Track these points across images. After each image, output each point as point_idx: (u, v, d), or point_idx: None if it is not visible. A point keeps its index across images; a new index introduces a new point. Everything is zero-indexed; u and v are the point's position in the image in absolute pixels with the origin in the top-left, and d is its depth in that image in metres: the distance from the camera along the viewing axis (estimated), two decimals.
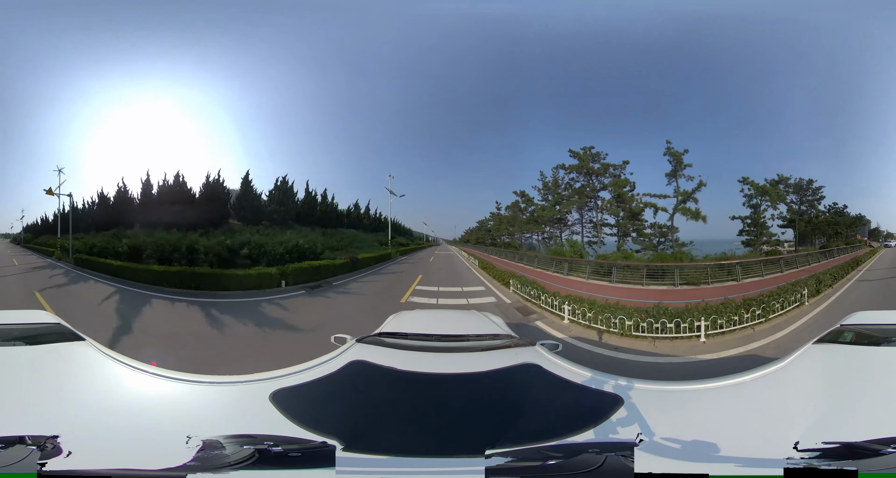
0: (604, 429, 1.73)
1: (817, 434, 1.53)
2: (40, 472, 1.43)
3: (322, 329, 8.37)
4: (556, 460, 1.49)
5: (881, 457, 1.44)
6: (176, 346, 8.11)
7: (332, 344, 3.09)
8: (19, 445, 1.48)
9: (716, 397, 2.03)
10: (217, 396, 2.05)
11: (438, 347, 2.74)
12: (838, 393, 2.05)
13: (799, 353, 2.48)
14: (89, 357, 2.51)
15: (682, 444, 1.61)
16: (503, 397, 2.09)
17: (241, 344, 8.47)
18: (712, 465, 1.47)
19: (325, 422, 1.75)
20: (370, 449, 1.59)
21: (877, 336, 2.70)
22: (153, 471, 1.44)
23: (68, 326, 3.08)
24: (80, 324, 3.11)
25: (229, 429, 1.61)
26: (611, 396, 2.00)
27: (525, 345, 2.81)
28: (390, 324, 3.50)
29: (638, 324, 8.53)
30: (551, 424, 1.80)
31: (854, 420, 1.72)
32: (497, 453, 1.51)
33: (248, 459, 1.49)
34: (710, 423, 1.83)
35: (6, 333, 2.79)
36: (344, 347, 2.74)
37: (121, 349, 2.83)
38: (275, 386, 2.03)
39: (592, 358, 7.38)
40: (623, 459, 1.47)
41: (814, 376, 2.27)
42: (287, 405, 1.87)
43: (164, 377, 2.16)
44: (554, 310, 10.19)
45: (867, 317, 3.09)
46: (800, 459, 1.45)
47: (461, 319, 4.00)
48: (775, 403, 1.99)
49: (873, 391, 2.05)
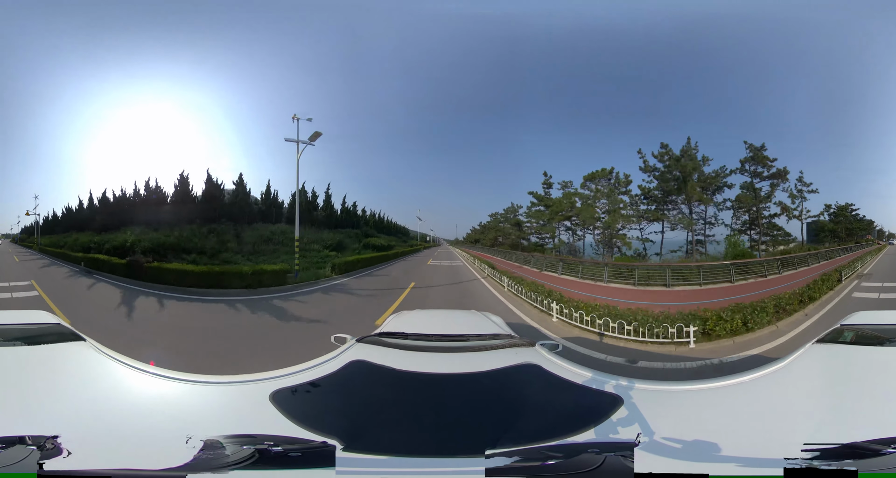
0: (604, 429, 1.72)
1: (817, 434, 1.53)
2: (40, 472, 1.42)
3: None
4: (556, 460, 1.49)
5: (881, 457, 1.44)
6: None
7: (332, 344, 3.09)
8: (19, 445, 1.48)
9: (716, 397, 2.03)
10: (217, 396, 2.05)
11: (438, 347, 2.74)
12: (838, 393, 2.05)
13: (799, 353, 2.48)
14: (89, 357, 2.51)
15: (683, 444, 1.61)
16: (503, 397, 2.09)
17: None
18: (712, 465, 1.47)
19: (324, 422, 1.75)
20: (370, 449, 1.59)
21: (877, 336, 2.70)
22: (153, 471, 1.44)
23: (68, 326, 3.08)
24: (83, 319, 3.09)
25: (229, 429, 1.61)
26: (611, 396, 2.00)
27: (525, 345, 2.81)
28: (390, 324, 3.49)
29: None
30: (551, 424, 1.80)
31: (854, 420, 1.72)
32: (497, 453, 1.51)
33: (248, 459, 1.49)
34: (711, 423, 1.83)
35: (6, 333, 2.79)
36: (344, 347, 2.74)
37: (123, 347, 2.82)
38: (275, 386, 2.03)
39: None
40: (623, 459, 1.47)
41: (814, 375, 2.27)
42: (287, 405, 1.87)
43: (163, 377, 2.16)
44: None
45: (867, 317, 3.09)
46: (800, 459, 1.45)
47: (461, 319, 4.00)
48: (775, 403, 1.99)
49: (873, 391, 2.05)
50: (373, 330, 3.23)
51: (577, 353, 7.62)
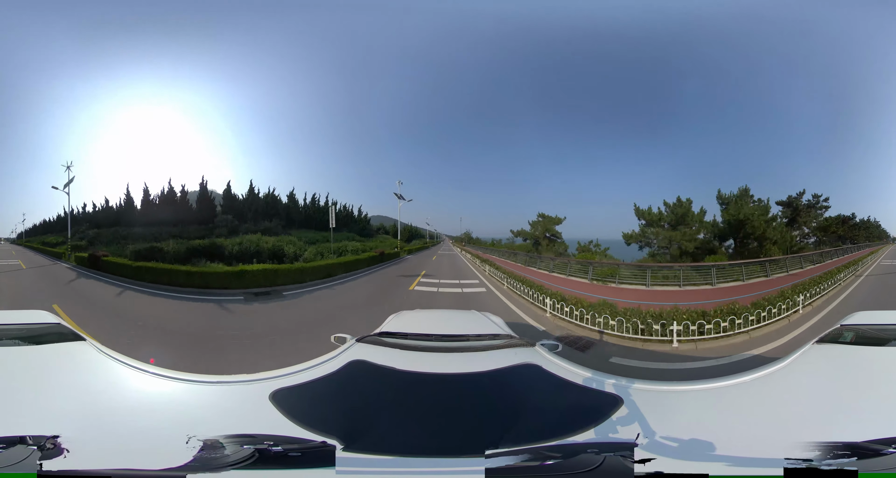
0: (603, 429, 1.72)
1: (817, 434, 1.53)
2: (40, 472, 1.42)
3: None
4: (556, 460, 1.49)
5: (881, 457, 1.44)
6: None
7: (332, 344, 3.09)
8: (19, 445, 1.48)
9: (716, 397, 2.03)
10: (217, 396, 2.05)
11: (438, 347, 2.74)
12: (839, 393, 2.05)
13: (799, 353, 2.47)
14: (89, 357, 2.51)
15: (683, 443, 1.61)
16: (503, 397, 2.09)
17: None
18: (712, 464, 1.47)
19: (325, 422, 1.75)
20: (370, 449, 1.59)
21: (877, 336, 2.70)
22: (153, 471, 1.44)
23: (68, 325, 3.08)
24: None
25: (229, 429, 1.61)
26: (610, 396, 1.99)
27: (525, 345, 2.81)
28: (390, 324, 3.49)
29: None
30: (551, 424, 1.80)
31: (854, 420, 1.71)
32: (497, 453, 1.50)
33: (248, 459, 1.49)
34: (711, 423, 1.83)
35: (6, 333, 2.79)
36: (344, 347, 2.74)
37: (121, 345, 2.82)
38: (275, 386, 2.03)
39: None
40: (622, 459, 1.47)
41: (814, 376, 2.27)
42: (287, 405, 1.87)
43: (163, 377, 2.16)
44: None
45: (867, 317, 3.09)
46: (800, 459, 1.45)
47: (461, 319, 3.99)
48: (775, 403, 1.99)
49: (873, 391, 2.05)
50: (372, 329, 3.23)
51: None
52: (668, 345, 8.10)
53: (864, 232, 17.46)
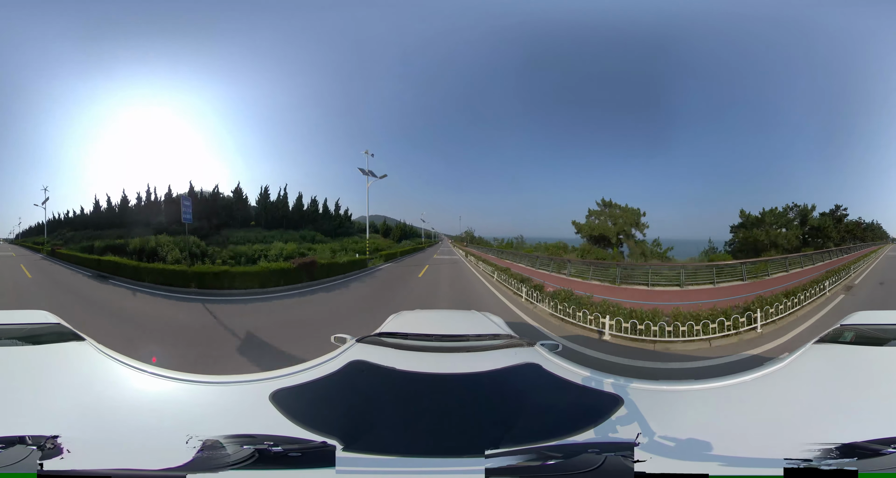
0: (604, 429, 1.72)
1: (817, 434, 1.53)
2: (40, 472, 1.42)
3: None
4: (556, 460, 1.49)
5: (881, 457, 1.44)
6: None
7: (332, 344, 3.09)
8: (19, 445, 1.48)
9: (716, 397, 2.03)
10: (217, 396, 2.05)
11: (438, 347, 2.74)
12: (838, 393, 2.05)
13: (799, 353, 2.47)
14: (89, 357, 2.51)
15: (682, 443, 1.61)
16: (503, 397, 2.09)
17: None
18: (712, 465, 1.47)
19: (325, 422, 1.75)
20: (370, 449, 1.59)
21: (877, 336, 2.70)
22: (153, 471, 1.44)
23: (68, 325, 3.08)
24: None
25: (229, 429, 1.61)
26: (610, 396, 1.99)
27: (525, 345, 2.81)
28: (390, 324, 3.49)
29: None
30: (551, 424, 1.80)
31: (854, 420, 1.71)
32: (497, 453, 1.50)
33: (248, 459, 1.49)
34: (711, 423, 1.83)
35: (6, 333, 2.79)
36: (344, 347, 2.74)
37: (122, 344, 2.83)
38: (275, 386, 2.03)
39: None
40: (623, 459, 1.47)
41: (814, 375, 2.27)
42: (287, 405, 1.86)
43: (163, 377, 2.16)
44: None
45: (867, 317, 3.09)
46: (800, 459, 1.45)
47: (461, 319, 3.99)
48: (775, 403, 1.99)
49: (873, 391, 2.04)
50: (372, 328, 3.23)
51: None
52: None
53: (871, 232, 18.18)
